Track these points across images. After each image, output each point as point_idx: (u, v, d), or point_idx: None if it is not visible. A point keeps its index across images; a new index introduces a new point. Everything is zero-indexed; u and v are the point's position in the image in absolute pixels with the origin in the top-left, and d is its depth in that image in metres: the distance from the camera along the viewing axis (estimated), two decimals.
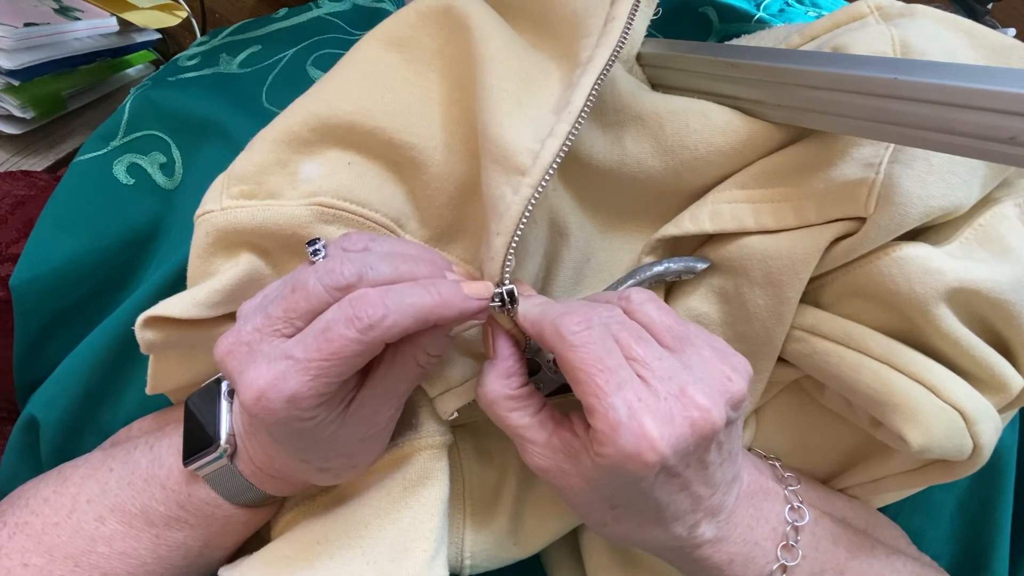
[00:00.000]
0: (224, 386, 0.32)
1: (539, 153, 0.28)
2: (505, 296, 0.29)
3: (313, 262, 0.27)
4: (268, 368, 0.25)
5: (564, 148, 0.28)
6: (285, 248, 0.31)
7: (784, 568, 0.30)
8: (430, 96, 0.32)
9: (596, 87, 0.28)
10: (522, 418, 0.28)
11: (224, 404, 0.31)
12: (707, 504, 0.28)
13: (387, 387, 0.28)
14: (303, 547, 0.31)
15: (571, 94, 0.28)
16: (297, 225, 0.30)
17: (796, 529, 0.31)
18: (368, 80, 0.32)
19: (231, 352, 0.26)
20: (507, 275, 0.29)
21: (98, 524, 0.31)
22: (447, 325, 0.27)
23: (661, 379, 0.25)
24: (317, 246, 0.28)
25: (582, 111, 0.28)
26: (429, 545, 0.31)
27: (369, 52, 0.33)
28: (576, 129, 0.28)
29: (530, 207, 0.27)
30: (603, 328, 0.26)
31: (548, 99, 0.30)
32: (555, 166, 0.28)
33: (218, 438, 0.30)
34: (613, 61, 0.29)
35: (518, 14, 0.33)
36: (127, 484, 0.32)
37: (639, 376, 0.25)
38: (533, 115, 0.29)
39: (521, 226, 0.28)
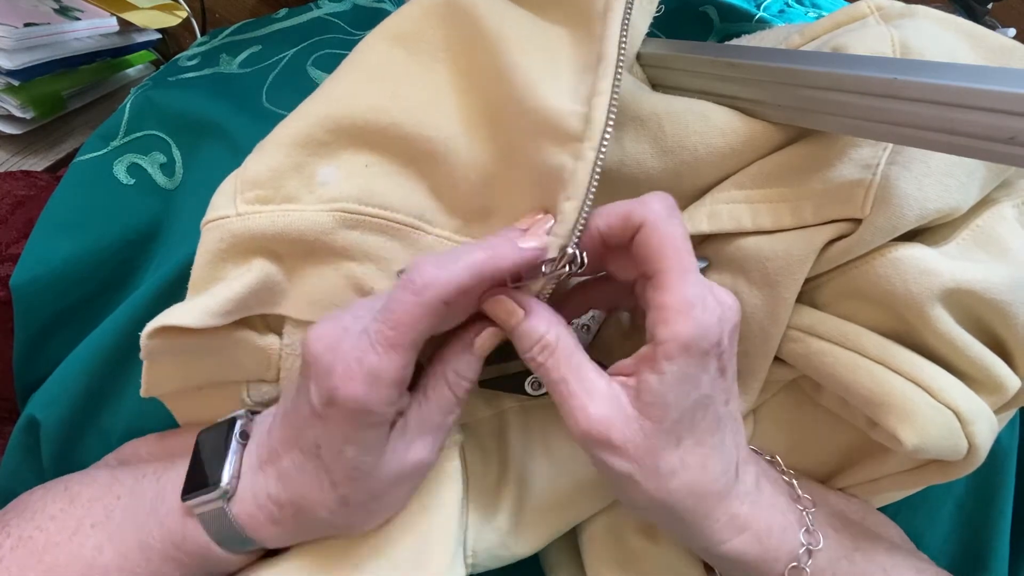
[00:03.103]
0: (238, 426, 0.31)
1: (589, 115, 0.27)
2: (578, 257, 0.28)
3: None
4: (355, 343, 0.26)
5: (614, 102, 0.27)
6: (301, 253, 0.31)
7: (810, 553, 0.30)
8: (440, 87, 0.32)
9: (624, 32, 0.28)
10: (582, 357, 0.28)
11: (234, 444, 0.30)
12: (738, 424, 0.30)
13: (425, 415, 0.28)
14: (324, 558, 0.31)
15: (601, 47, 0.28)
16: (320, 231, 0.30)
17: (807, 515, 0.32)
18: (378, 78, 0.32)
19: (327, 333, 0.26)
20: (575, 241, 0.28)
21: (96, 553, 0.30)
22: (504, 278, 0.27)
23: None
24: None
25: (619, 61, 0.27)
26: (448, 546, 0.31)
27: (375, 50, 0.33)
28: (618, 80, 0.27)
29: (598, 168, 0.27)
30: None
31: (569, 63, 0.29)
32: (611, 122, 0.27)
33: (220, 479, 0.29)
34: (632, 6, 0.28)
35: None
36: (131, 516, 0.31)
37: None
38: (564, 79, 0.29)
39: (593, 190, 0.27)
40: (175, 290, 0.31)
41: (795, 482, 0.34)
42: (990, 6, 0.53)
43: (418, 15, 0.33)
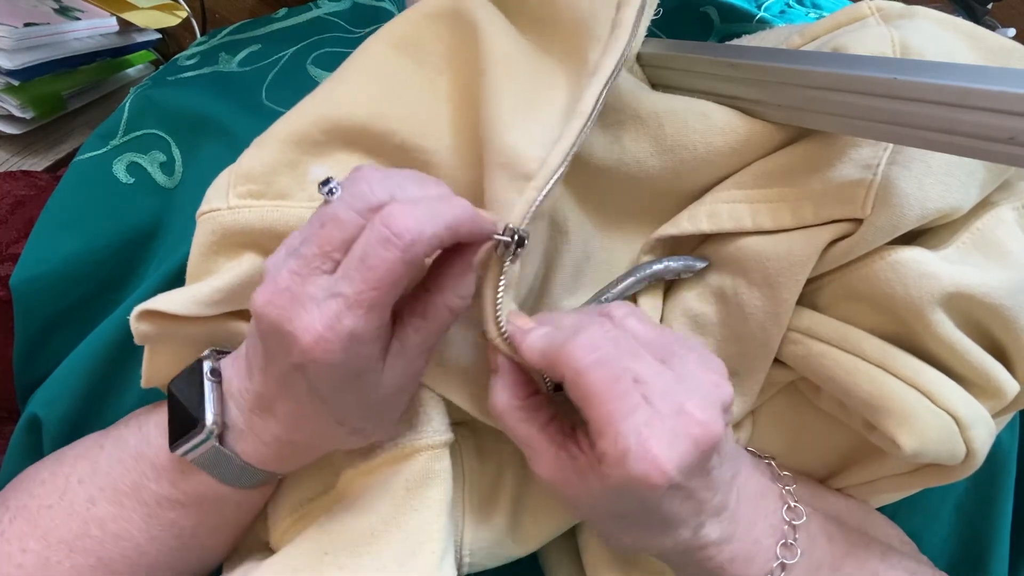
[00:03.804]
0: (207, 366, 0.30)
1: (546, 159, 0.28)
2: (514, 239, 0.27)
3: (328, 201, 0.26)
4: (320, 311, 0.24)
5: (571, 154, 0.28)
6: None
7: (783, 566, 0.30)
8: (440, 100, 0.32)
9: (603, 94, 0.28)
10: (530, 429, 0.28)
11: (208, 384, 0.29)
12: (711, 505, 0.28)
13: (422, 339, 0.28)
14: (312, 559, 0.31)
15: (578, 100, 0.28)
16: None
17: (793, 528, 0.31)
18: (380, 83, 0.32)
19: (271, 301, 0.25)
20: (503, 275, 0.28)
21: (89, 505, 0.30)
22: (473, 244, 0.27)
23: (661, 396, 0.25)
24: (331, 185, 0.26)
25: (590, 118, 0.28)
26: (437, 546, 0.31)
27: (379, 54, 0.33)
28: (584, 135, 0.28)
29: (533, 208, 0.27)
30: (609, 349, 0.26)
31: (556, 105, 0.30)
32: (562, 171, 0.27)
33: (203, 420, 0.29)
34: (620, 67, 0.28)
35: (518, 12, 0.33)
36: (117, 462, 0.31)
37: (642, 396, 0.25)
38: (542, 122, 0.29)
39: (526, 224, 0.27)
40: (175, 288, 0.32)
41: (791, 488, 0.33)
42: (990, 6, 0.53)
43: (423, 22, 0.33)
